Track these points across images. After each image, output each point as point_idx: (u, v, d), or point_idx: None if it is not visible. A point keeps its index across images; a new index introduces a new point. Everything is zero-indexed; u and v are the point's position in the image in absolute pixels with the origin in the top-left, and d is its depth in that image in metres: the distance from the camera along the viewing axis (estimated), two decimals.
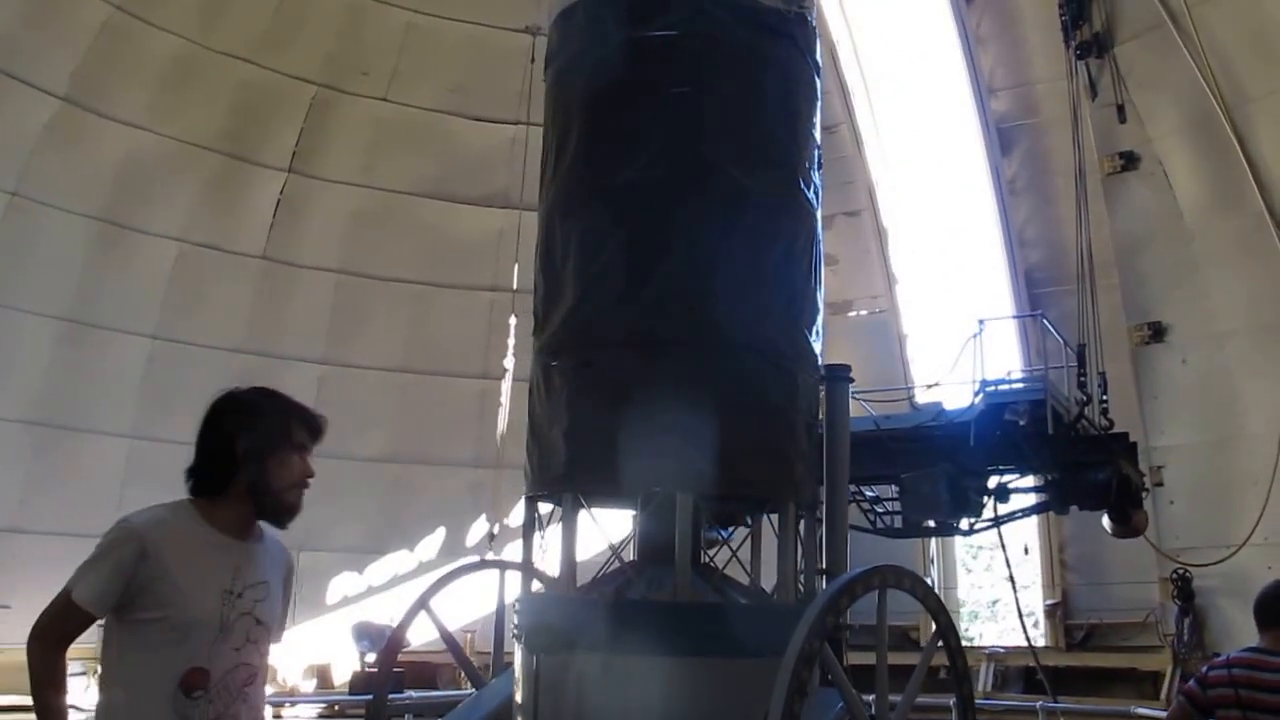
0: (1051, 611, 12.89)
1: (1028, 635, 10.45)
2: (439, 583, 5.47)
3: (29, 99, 10.99)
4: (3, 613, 11.14)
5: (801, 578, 4.93)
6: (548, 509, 5.10)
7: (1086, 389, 9.34)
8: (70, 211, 11.55)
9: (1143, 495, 9.32)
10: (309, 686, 12.90)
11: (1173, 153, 11.79)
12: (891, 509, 9.66)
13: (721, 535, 5.59)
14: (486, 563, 6.18)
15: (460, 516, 13.84)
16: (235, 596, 2.95)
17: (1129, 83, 11.82)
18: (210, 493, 2.96)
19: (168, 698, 2.78)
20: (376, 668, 7.87)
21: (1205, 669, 3.71)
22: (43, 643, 2.77)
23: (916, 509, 8.96)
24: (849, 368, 5.48)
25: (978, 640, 17.56)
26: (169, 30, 11.60)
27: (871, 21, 14.58)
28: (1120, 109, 11.84)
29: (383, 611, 12.69)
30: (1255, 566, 10.89)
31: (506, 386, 12.72)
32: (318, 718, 12.27)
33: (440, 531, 13.82)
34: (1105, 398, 9.72)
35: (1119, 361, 11.48)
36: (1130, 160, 12.00)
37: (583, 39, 5.30)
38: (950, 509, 8.76)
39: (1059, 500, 8.94)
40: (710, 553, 5.28)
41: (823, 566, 5.08)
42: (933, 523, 9.52)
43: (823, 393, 5.29)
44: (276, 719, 9.52)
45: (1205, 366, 11.77)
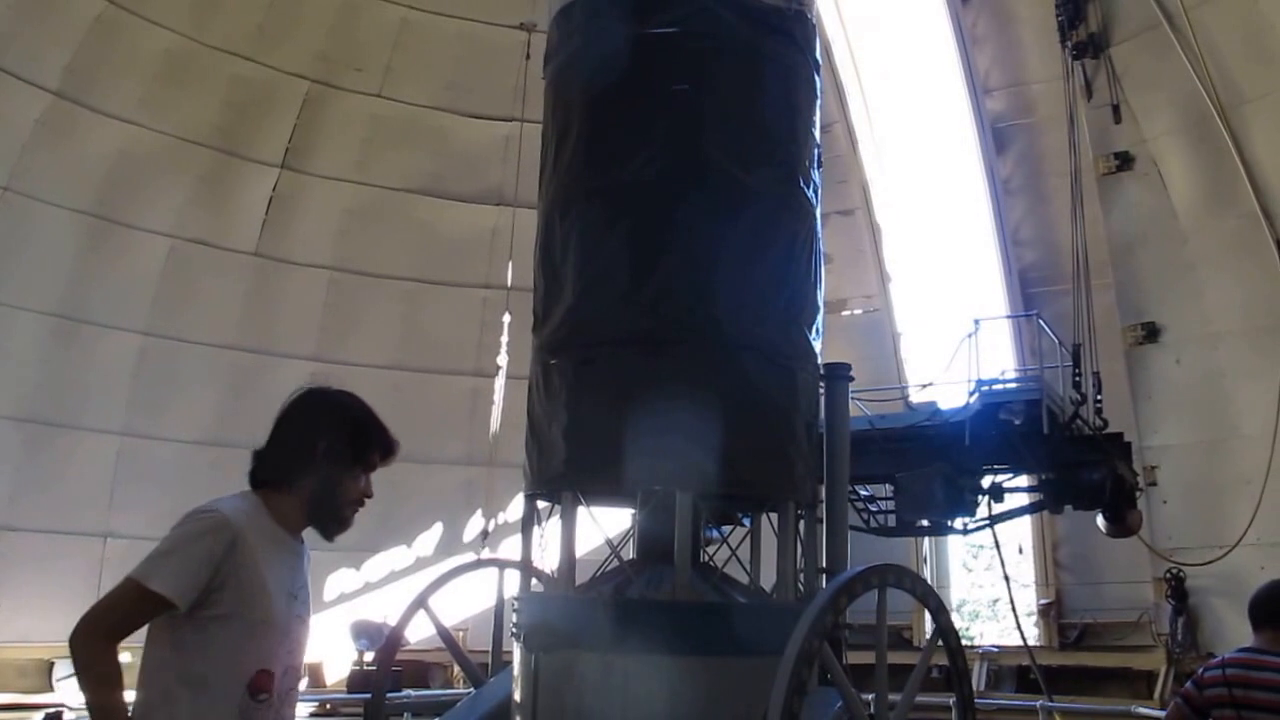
0: (1045, 611, 12.90)
1: (1023, 634, 10.44)
2: (437, 581, 5.44)
3: (21, 93, 10.91)
4: None
5: (801, 576, 4.92)
6: (545, 507, 5.08)
7: (1081, 389, 9.33)
8: (61, 206, 11.49)
9: (1137, 495, 9.32)
10: (301, 685, 12.84)
11: (1168, 153, 11.81)
12: (885, 508, 9.66)
13: (717, 534, 5.58)
14: (486, 561, 6.15)
15: (453, 514, 13.80)
16: (293, 597, 2.87)
17: (1124, 83, 11.84)
18: (276, 486, 2.86)
19: (235, 700, 2.63)
20: (374, 666, 7.84)
21: (1201, 670, 3.71)
22: (92, 635, 2.50)
23: (911, 508, 8.95)
24: (849, 366, 5.46)
25: (978, 639, 17.59)
26: (162, 25, 11.54)
27: (867, 19, 14.59)
28: (1115, 109, 11.85)
29: (376, 609, 12.65)
30: (1248, 566, 10.91)
31: (500, 384, 12.69)
32: (310, 716, 12.23)
33: (433, 529, 13.78)
34: (1100, 397, 9.72)
35: (1113, 361, 11.50)
36: (1125, 161, 12.02)
37: (582, 36, 5.28)
38: (945, 508, 8.76)
39: (1054, 500, 8.95)
40: (709, 552, 5.27)
41: (823, 565, 5.07)
42: (927, 522, 9.50)
43: (822, 391, 5.29)
44: None
45: (1199, 367, 11.79)
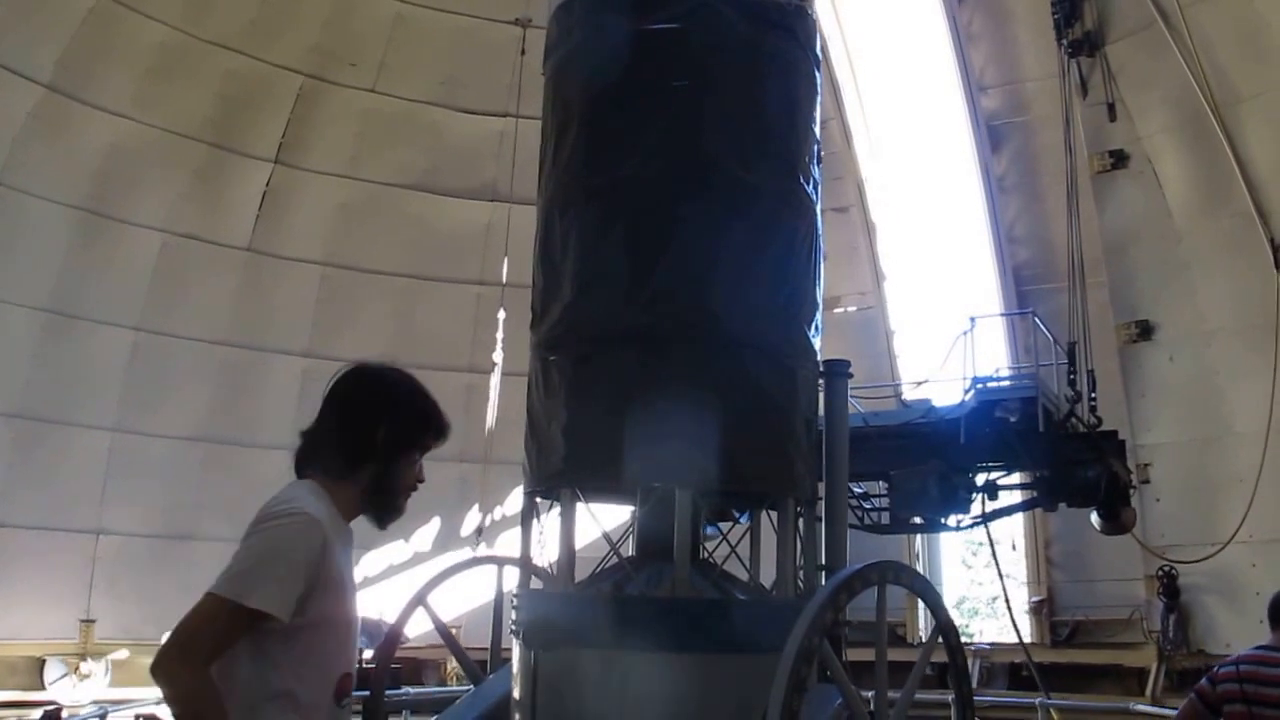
0: (1037, 608, 12.93)
1: (1019, 632, 10.48)
2: (436, 578, 5.42)
3: (13, 86, 10.84)
4: None
5: (801, 573, 4.92)
6: (543, 503, 5.07)
7: (1076, 386, 9.35)
8: (53, 201, 11.42)
9: (1131, 493, 9.35)
10: None
11: (1162, 152, 11.84)
12: (879, 505, 9.66)
13: (716, 530, 5.57)
14: (484, 558, 6.13)
15: (447, 511, 13.76)
16: (354, 591, 2.69)
17: (1119, 81, 11.86)
18: (333, 475, 2.63)
19: (324, 711, 2.43)
20: (373, 663, 7.78)
21: (1216, 667, 3.73)
22: (193, 663, 2.25)
23: (906, 505, 8.96)
24: (848, 363, 5.46)
25: (977, 637, 17.66)
26: (156, 18, 11.48)
27: (862, 17, 14.59)
28: (1110, 107, 11.88)
29: (372, 607, 12.61)
30: (1240, 564, 10.98)
31: (496, 381, 12.67)
32: None
33: (427, 526, 13.74)
34: (1094, 395, 9.74)
35: (1106, 359, 11.52)
36: (1120, 159, 12.05)
37: (582, 31, 5.25)
38: (940, 506, 8.76)
39: (1048, 497, 8.97)
40: (709, 548, 5.26)
41: (822, 562, 5.06)
42: (920, 519, 9.52)
43: (821, 388, 5.28)
44: None
45: (1192, 365, 11.84)
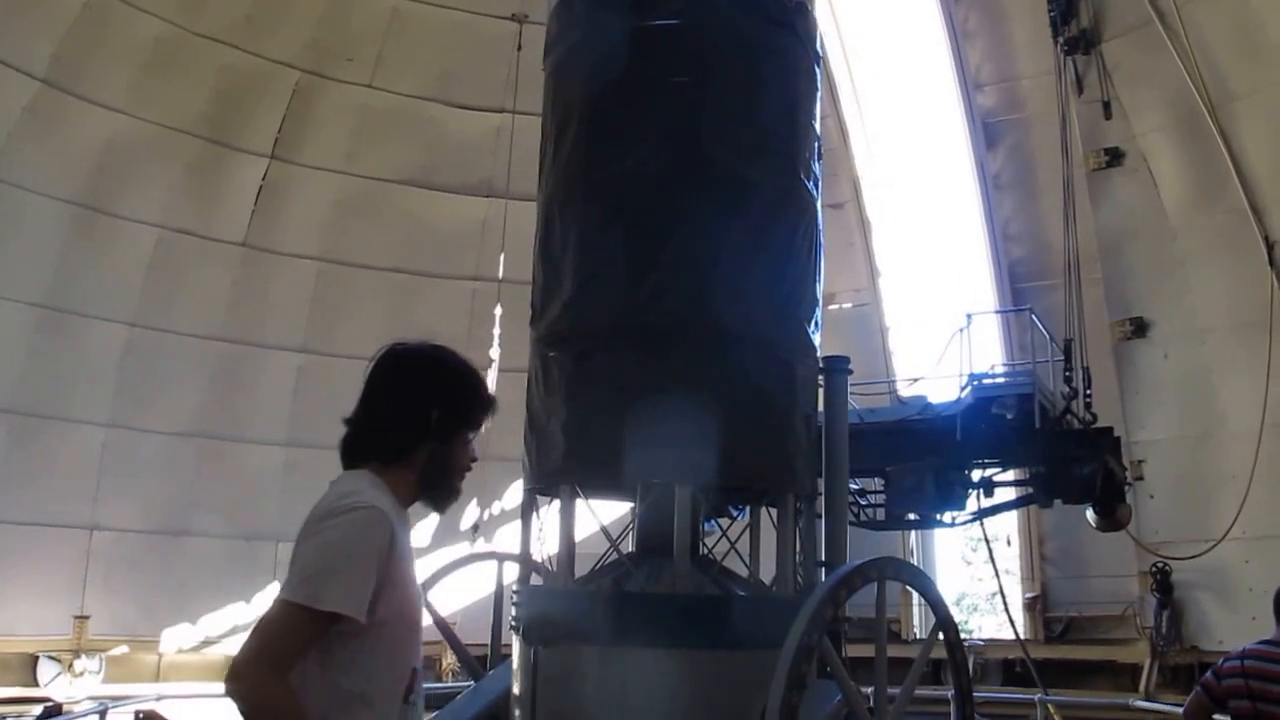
0: (1031, 604, 12.97)
1: (1016, 629, 10.52)
2: (437, 574, 5.42)
3: (7, 80, 10.77)
4: None
5: (800, 569, 4.93)
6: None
7: (1072, 383, 9.37)
8: (48, 196, 11.36)
9: (1126, 489, 9.38)
10: None
11: (1157, 149, 11.87)
12: (874, 501, 9.68)
13: (716, 526, 5.58)
14: (485, 554, 6.13)
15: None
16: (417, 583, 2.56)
17: (1115, 79, 11.89)
18: (387, 461, 2.48)
19: (395, 711, 2.33)
20: None
21: (1222, 661, 3.74)
22: (274, 674, 2.11)
23: (902, 502, 8.98)
24: (847, 359, 5.47)
25: (976, 633, 17.72)
26: (151, 13, 11.41)
27: (859, 13, 14.61)
28: (1106, 105, 11.90)
29: None
30: (1234, 561, 11.02)
31: (492, 377, 12.66)
32: None
33: (424, 522, 13.73)
34: (1089, 392, 9.77)
35: (1101, 356, 11.55)
36: (1115, 156, 12.08)
37: (582, 28, 5.26)
38: (936, 502, 8.78)
39: (1044, 494, 8.99)
40: (708, 544, 5.27)
41: (822, 558, 5.08)
42: (916, 515, 9.54)
43: (821, 384, 5.29)
44: None
45: (1186, 362, 11.87)
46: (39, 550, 11.42)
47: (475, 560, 5.84)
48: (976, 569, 21.54)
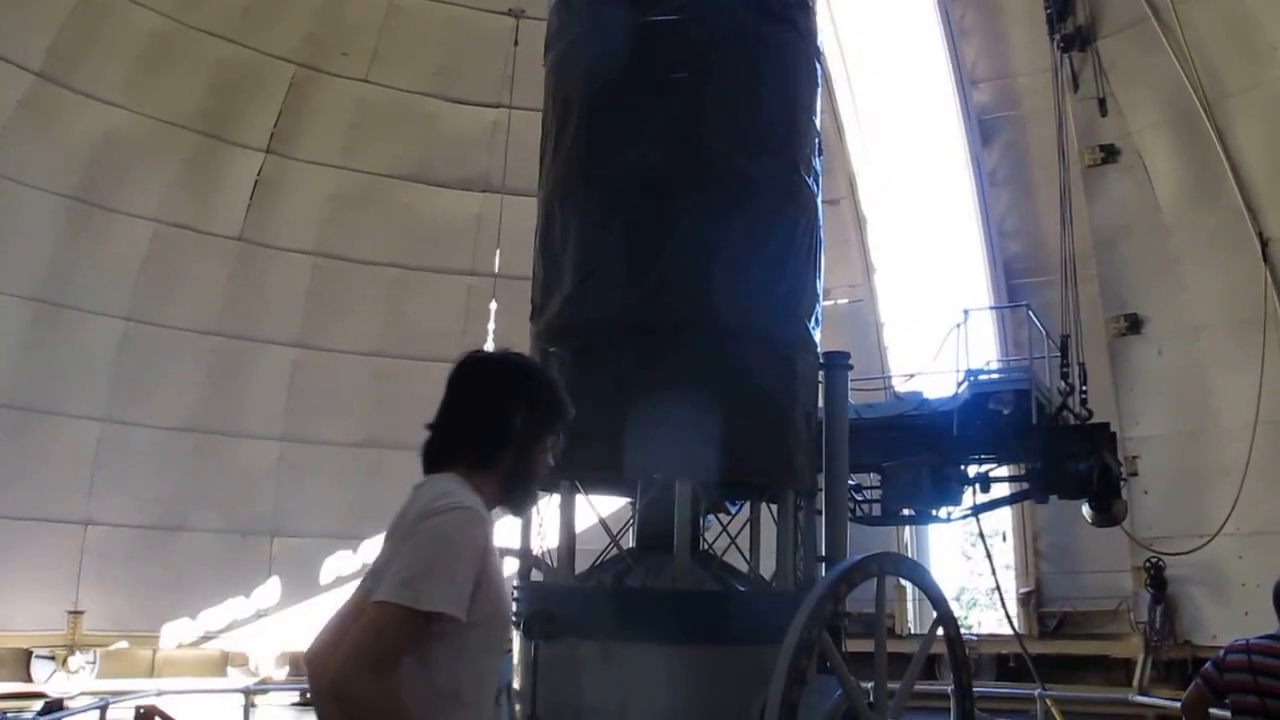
0: (1025, 599, 13.01)
1: (1013, 625, 10.54)
2: None
3: (2, 74, 10.74)
4: None
5: (800, 565, 4.94)
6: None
7: (1069, 379, 9.37)
8: (43, 190, 11.34)
9: (1121, 485, 9.39)
10: (282, 674, 12.78)
11: (1153, 146, 11.89)
12: (870, 497, 9.68)
13: (716, 520, 5.58)
14: None
15: None
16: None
17: (1111, 76, 11.90)
18: (473, 465, 2.50)
19: (490, 707, 2.35)
20: None
21: (1223, 653, 3.71)
22: (381, 677, 2.11)
23: (899, 498, 8.97)
24: (848, 355, 5.47)
25: (976, 628, 17.75)
26: (147, 6, 11.39)
27: (855, 10, 14.59)
28: (1102, 102, 11.91)
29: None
30: (1227, 556, 11.06)
31: None
32: (292, 706, 12.18)
33: None
34: (1085, 388, 9.77)
35: (1096, 352, 11.57)
36: (1110, 153, 12.09)
37: (583, 23, 5.26)
38: (933, 498, 8.78)
39: (1040, 489, 8.97)
40: (708, 539, 5.28)
41: (822, 553, 5.09)
42: (911, 510, 9.54)
43: (821, 380, 5.30)
44: (251, 707, 9.43)
45: (1181, 358, 11.90)
46: (33, 545, 11.39)
47: None
48: (976, 564, 21.56)
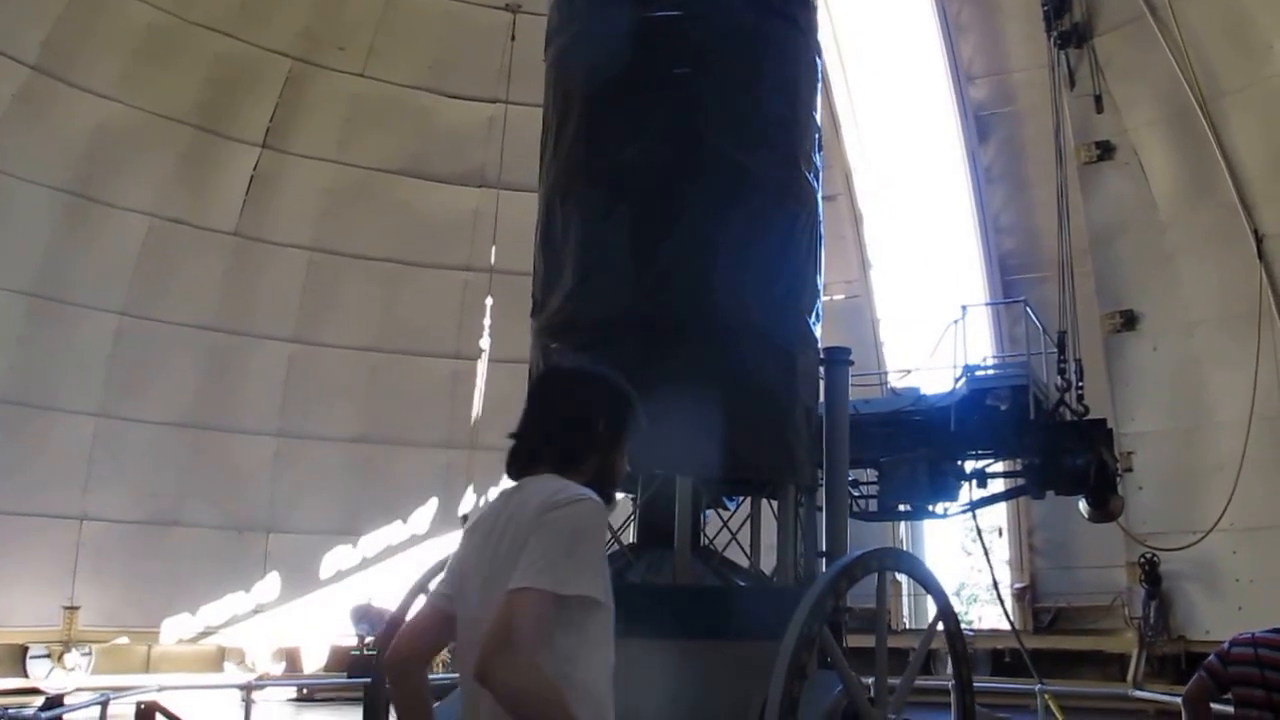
0: (1020, 595, 13.05)
1: (1011, 621, 10.58)
2: (437, 565, 5.40)
3: None
4: None
5: (801, 560, 4.95)
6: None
7: (1066, 375, 9.41)
8: (38, 184, 11.32)
9: (1118, 481, 9.42)
10: (278, 669, 12.78)
11: (1148, 143, 11.93)
12: (866, 492, 9.71)
13: (706, 517, 5.58)
14: None
15: (432, 498, 13.75)
16: None
17: (1107, 73, 11.93)
18: (560, 469, 2.54)
19: (611, 697, 2.36)
20: (374, 650, 7.74)
21: (1227, 645, 3.70)
22: (531, 661, 2.14)
23: (895, 493, 8.99)
24: (848, 350, 5.47)
25: (977, 623, 17.78)
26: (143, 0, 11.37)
27: (851, 5, 14.58)
28: (1098, 99, 11.94)
29: (359, 593, 12.60)
30: (1221, 552, 11.11)
31: (482, 368, 12.63)
32: (287, 702, 12.19)
33: (412, 513, 13.72)
34: (1081, 384, 9.81)
35: (1091, 349, 11.60)
36: (1106, 150, 12.13)
37: (584, 19, 5.24)
38: (930, 493, 8.81)
39: (1037, 485, 9.00)
40: (709, 535, 5.28)
41: (822, 549, 5.09)
42: (907, 506, 9.56)
43: (822, 376, 5.30)
44: (248, 702, 9.42)
45: (1176, 355, 11.95)
46: (29, 541, 11.38)
47: None
48: (977, 560, 21.57)
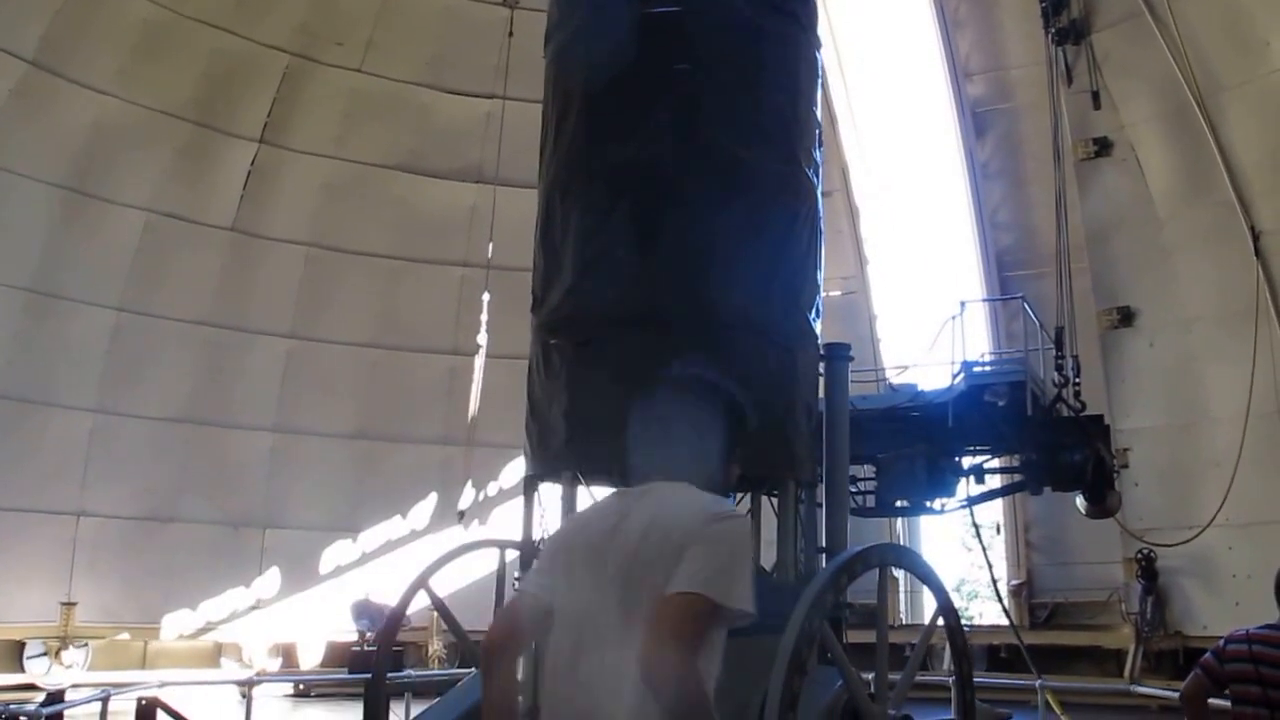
0: (1017, 591, 13.08)
1: (1010, 617, 10.59)
2: (438, 561, 5.41)
3: None
4: None
5: (801, 556, 4.94)
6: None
7: (1064, 371, 9.41)
8: (35, 179, 11.29)
9: (1115, 477, 9.44)
10: (274, 665, 12.77)
11: (1146, 140, 11.95)
12: (864, 488, 9.71)
13: None
14: (488, 541, 6.12)
15: (430, 494, 13.74)
16: None
17: (1104, 70, 11.94)
18: (685, 474, 2.41)
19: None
20: (374, 646, 7.74)
21: (1223, 642, 3.70)
22: (693, 664, 2.14)
23: (893, 489, 9.01)
24: (848, 346, 5.48)
25: (977, 619, 17.83)
26: None
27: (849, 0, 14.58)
28: (1095, 95, 11.95)
29: (357, 589, 12.59)
30: (1218, 547, 11.14)
31: (479, 363, 12.64)
32: (284, 698, 12.18)
33: (410, 510, 13.72)
34: (1078, 380, 9.82)
35: (1087, 345, 11.61)
36: (1104, 146, 12.15)
37: (584, 15, 5.23)
38: (927, 489, 8.83)
39: (1035, 481, 9.03)
40: None
41: (822, 545, 5.09)
42: (905, 502, 9.57)
43: (822, 371, 5.30)
44: (248, 699, 9.41)
45: (1172, 351, 11.97)
46: (26, 536, 11.36)
47: (477, 548, 5.83)
48: (977, 556, 21.57)
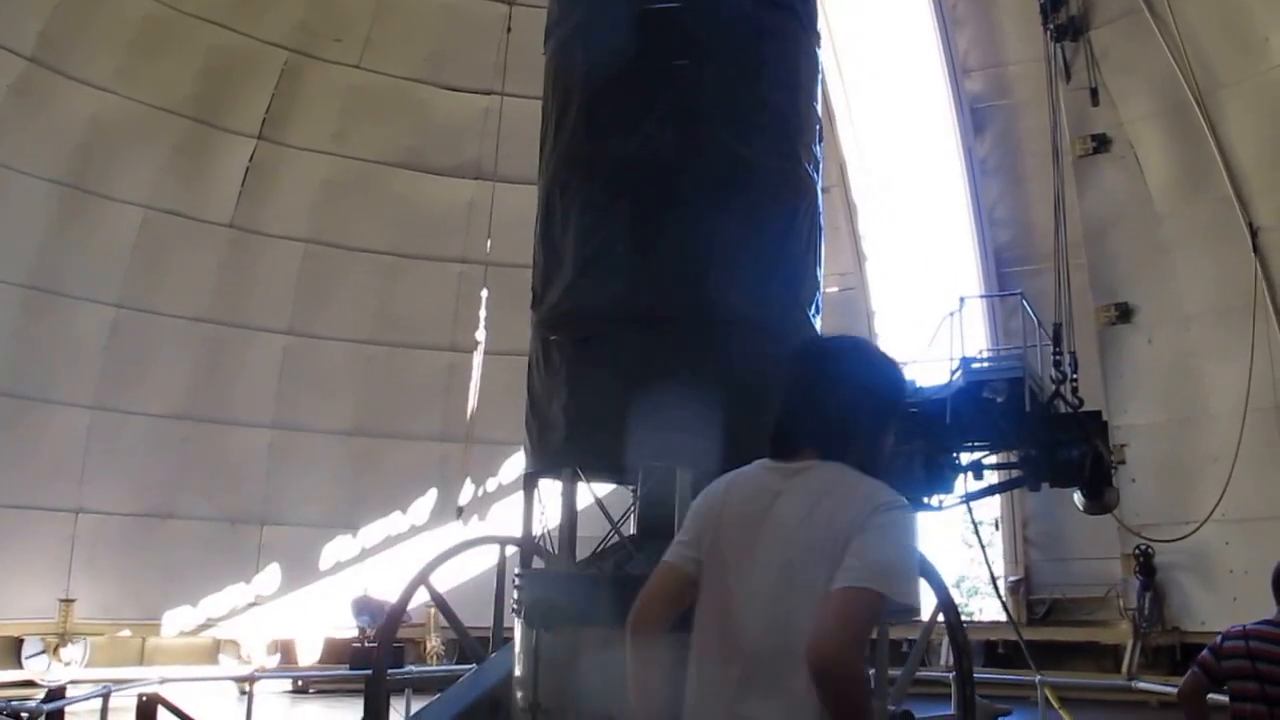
0: (1014, 587, 13.09)
1: (1010, 613, 10.60)
2: (439, 558, 5.42)
3: None
4: None
5: None
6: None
7: (1061, 367, 9.42)
8: (34, 176, 11.27)
9: (1113, 473, 9.45)
10: (272, 662, 12.77)
11: (1144, 136, 11.95)
12: None
13: None
14: (488, 538, 6.14)
15: (429, 490, 13.75)
16: None
17: (1103, 66, 11.95)
18: (839, 453, 2.32)
19: None
20: (375, 643, 7.74)
21: (1220, 639, 3.70)
22: (861, 656, 2.12)
23: (891, 485, 8.99)
24: None
25: (977, 615, 17.84)
26: None
27: None
28: (1093, 92, 11.96)
29: (355, 585, 12.59)
30: (1215, 543, 11.16)
31: (478, 360, 12.64)
32: (283, 694, 12.18)
33: (408, 506, 13.72)
34: (1075, 376, 9.83)
35: (1085, 341, 11.62)
36: (1102, 143, 12.16)
37: (584, 11, 5.23)
38: (925, 485, 8.81)
39: (1033, 477, 9.02)
40: None
41: None
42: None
43: None
44: (248, 695, 9.41)
45: (1170, 347, 11.99)
46: (24, 533, 11.36)
47: (477, 545, 5.83)
48: (976, 552, 21.55)
